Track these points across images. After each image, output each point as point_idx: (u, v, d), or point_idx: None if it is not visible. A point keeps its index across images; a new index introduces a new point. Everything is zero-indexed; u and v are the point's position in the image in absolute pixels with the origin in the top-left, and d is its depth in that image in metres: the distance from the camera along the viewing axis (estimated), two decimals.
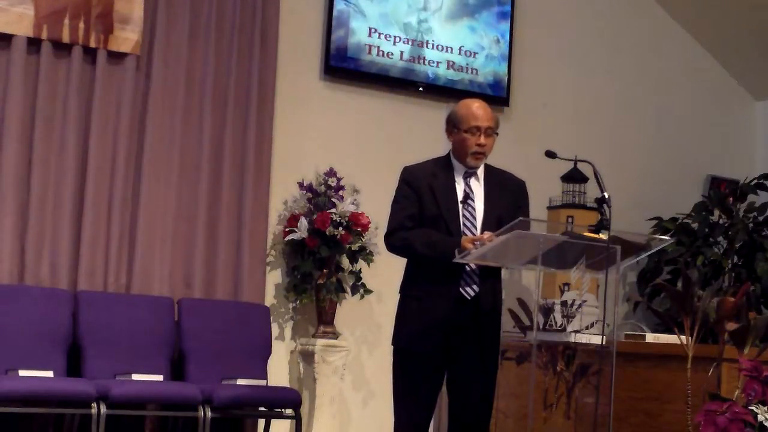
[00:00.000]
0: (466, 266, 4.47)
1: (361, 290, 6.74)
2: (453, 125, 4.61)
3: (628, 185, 7.61)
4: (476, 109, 4.58)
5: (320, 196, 6.67)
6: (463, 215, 4.53)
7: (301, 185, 6.75)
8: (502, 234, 4.28)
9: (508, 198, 4.60)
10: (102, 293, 6.10)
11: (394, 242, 4.57)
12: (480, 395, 4.49)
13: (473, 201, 4.56)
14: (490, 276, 4.51)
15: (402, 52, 7.26)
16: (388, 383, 4.63)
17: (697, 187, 8.50)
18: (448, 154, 4.67)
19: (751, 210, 7.83)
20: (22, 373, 5.53)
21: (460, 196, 4.56)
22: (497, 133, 4.60)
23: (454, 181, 4.59)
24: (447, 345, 4.49)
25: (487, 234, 4.35)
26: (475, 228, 4.51)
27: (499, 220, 4.48)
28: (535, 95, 7.79)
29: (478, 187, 4.60)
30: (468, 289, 4.48)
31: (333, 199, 6.64)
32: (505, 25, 7.66)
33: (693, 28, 8.55)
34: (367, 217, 6.66)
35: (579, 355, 4.58)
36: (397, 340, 4.60)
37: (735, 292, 5.37)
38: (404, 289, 4.62)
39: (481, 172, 4.62)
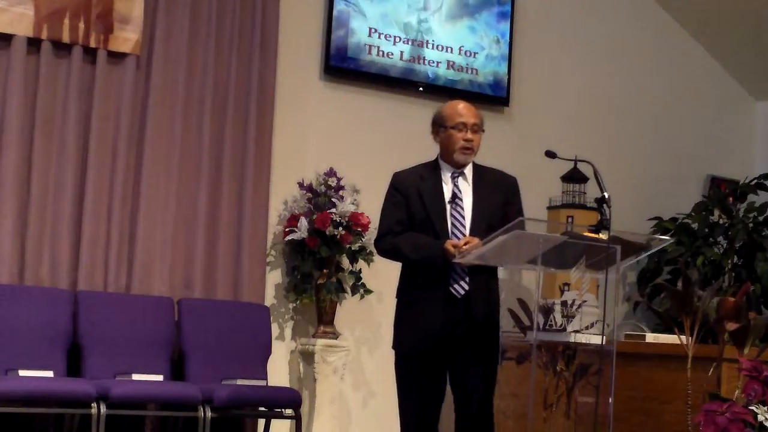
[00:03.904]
0: (455, 264, 4.48)
1: (361, 290, 6.73)
2: (439, 125, 4.65)
3: (628, 185, 7.61)
4: (461, 108, 4.64)
5: (320, 196, 6.67)
6: (452, 215, 4.55)
7: (301, 185, 6.74)
8: (493, 239, 4.28)
9: (497, 196, 4.61)
10: (102, 293, 6.10)
11: (383, 246, 4.64)
12: (480, 398, 4.49)
13: (461, 201, 4.58)
14: (481, 272, 4.51)
15: (402, 52, 7.26)
16: (388, 383, 4.64)
17: (697, 187, 8.50)
18: (436, 158, 4.69)
19: (751, 210, 7.83)
20: (22, 373, 5.53)
21: (447, 196, 4.58)
22: (483, 130, 4.63)
23: (442, 182, 4.61)
24: (444, 348, 4.50)
25: (474, 241, 4.36)
26: (464, 228, 4.52)
27: (487, 219, 4.50)
28: (535, 95, 7.78)
29: (466, 187, 4.61)
30: (457, 287, 4.49)
31: (333, 199, 6.64)
32: (505, 25, 7.65)
33: (693, 28, 8.55)
34: (367, 217, 6.65)
35: (579, 355, 4.58)
36: (395, 345, 4.65)
37: (735, 292, 5.38)
38: (398, 293, 4.67)
39: (469, 171, 4.64)
